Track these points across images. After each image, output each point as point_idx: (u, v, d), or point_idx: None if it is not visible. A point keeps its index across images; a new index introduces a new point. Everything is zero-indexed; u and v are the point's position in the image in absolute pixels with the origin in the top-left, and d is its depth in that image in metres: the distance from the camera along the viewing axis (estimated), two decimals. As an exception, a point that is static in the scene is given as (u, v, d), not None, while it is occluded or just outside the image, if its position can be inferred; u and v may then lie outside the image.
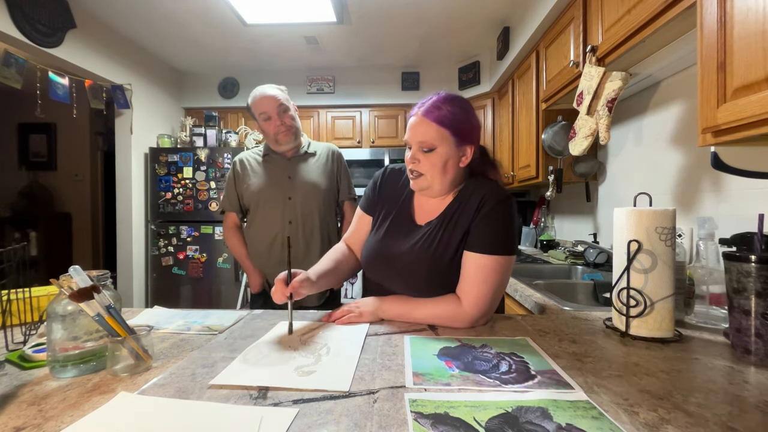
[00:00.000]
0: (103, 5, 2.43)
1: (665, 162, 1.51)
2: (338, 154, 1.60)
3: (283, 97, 1.45)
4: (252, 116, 1.49)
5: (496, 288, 0.84)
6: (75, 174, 4.13)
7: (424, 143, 0.87)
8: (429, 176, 0.89)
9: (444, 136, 0.86)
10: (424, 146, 0.87)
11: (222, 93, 3.52)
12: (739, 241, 0.74)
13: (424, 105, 0.89)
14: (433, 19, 2.62)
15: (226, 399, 0.55)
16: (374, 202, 1.05)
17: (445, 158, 0.87)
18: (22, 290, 0.82)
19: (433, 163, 0.87)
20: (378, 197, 1.04)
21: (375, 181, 1.07)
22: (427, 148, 0.87)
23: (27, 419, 0.50)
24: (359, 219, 1.07)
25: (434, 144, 0.86)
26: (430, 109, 0.87)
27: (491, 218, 0.86)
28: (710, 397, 0.55)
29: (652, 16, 1.12)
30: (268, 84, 1.48)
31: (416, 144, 0.88)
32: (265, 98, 1.43)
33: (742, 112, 0.75)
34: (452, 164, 0.89)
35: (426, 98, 0.90)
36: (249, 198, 1.50)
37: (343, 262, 1.03)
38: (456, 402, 0.54)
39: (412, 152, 0.89)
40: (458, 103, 0.89)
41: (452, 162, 0.88)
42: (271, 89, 1.44)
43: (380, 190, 1.05)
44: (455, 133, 0.87)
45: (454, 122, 0.86)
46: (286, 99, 1.47)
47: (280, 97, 1.44)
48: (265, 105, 1.42)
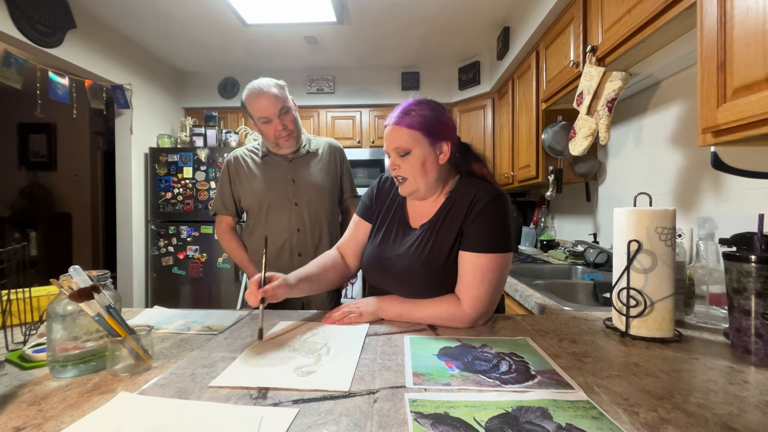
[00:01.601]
0: (103, 5, 2.43)
1: (665, 162, 1.51)
2: (339, 150, 1.52)
3: (283, 97, 1.31)
4: (247, 114, 1.35)
5: (495, 286, 0.85)
6: (75, 174, 4.13)
7: (399, 148, 0.90)
8: (411, 179, 0.91)
9: (416, 137, 0.89)
10: (399, 151, 0.90)
11: (222, 93, 3.52)
12: (739, 241, 0.74)
13: (394, 114, 0.92)
14: (433, 19, 2.62)
15: (226, 399, 0.55)
16: (372, 210, 1.06)
17: (422, 159, 0.89)
18: (22, 290, 0.82)
19: (412, 165, 0.90)
20: (375, 205, 1.06)
21: (372, 189, 1.09)
22: (403, 152, 0.90)
23: (27, 419, 0.50)
24: (356, 226, 1.08)
25: (408, 147, 0.89)
26: (399, 116, 0.90)
27: (484, 217, 0.86)
28: (710, 397, 0.55)
29: (652, 16, 1.12)
30: (264, 79, 1.32)
31: (393, 151, 0.91)
32: (263, 99, 1.28)
33: (742, 112, 0.75)
34: (431, 163, 0.90)
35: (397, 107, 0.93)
36: (249, 202, 1.41)
37: (330, 269, 1.02)
38: (456, 402, 0.54)
39: (392, 159, 0.92)
40: (425, 105, 0.91)
41: (430, 161, 0.90)
42: (270, 87, 1.30)
43: (377, 198, 1.06)
44: (427, 133, 0.89)
45: (424, 123, 0.89)
46: (287, 98, 1.33)
47: (280, 97, 1.30)
48: (263, 107, 1.29)
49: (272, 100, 1.29)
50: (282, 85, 1.35)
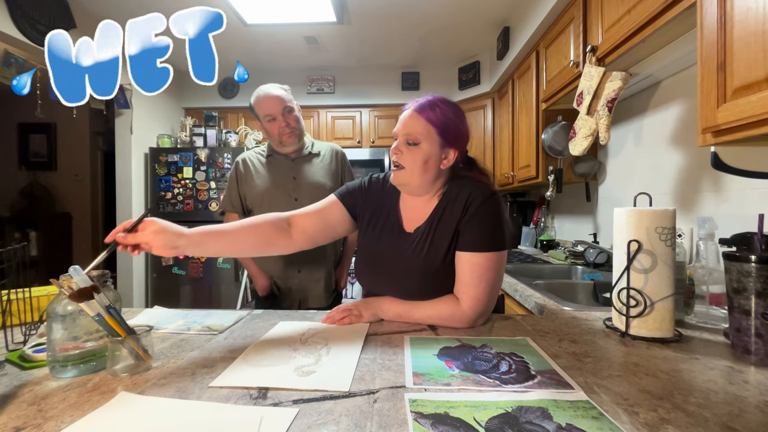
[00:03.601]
0: (103, 5, 2.43)
1: (665, 162, 1.51)
2: (342, 154, 1.58)
3: (287, 98, 1.43)
4: (255, 116, 1.47)
5: (492, 285, 0.85)
6: (75, 174, 4.12)
7: (409, 136, 0.88)
8: (409, 170, 0.89)
9: (430, 133, 0.87)
10: (409, 139, 0.88)
11: (222, 93, 3.52)
12: (739, 241, 0.74)
13: (419, 101, 0.90)
14: (433, 19, 2.62)
15: (226, 399, 0.55)
16: (356, 203, 1.01)
17: (427, 156, 0.88)
18: (22, 290, 0.82)
19: (415, 158, 0.88)
20: (362, 199, 1.01)
21: (362, 185, 1.03)
22: (412, 141, 0.88)
23: (27, 419, 0.50)
24: (329, 205, 1.00)
25: (419, 139, 0.87)
26: (423, 106, 0.88)
27: (479, 216, 0.86)
28: (710, 397, 0.55)
29: (652, 16, 1.12)
30: (270, 83, 1.46)
31: (402, 136, 0.89)
32: (269, 98, 1.41)
33: (742, 112, 0.75)
34: (433, 163, 0.89)
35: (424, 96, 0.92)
36: (253, 199, 1.48)
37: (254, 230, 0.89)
38: (456, 402, 0.54)
39: (397, 143, 0.90)
40: (452, 107, 0.90)
41: (433, 161, 0.89)
42: (275, 89, 1.42)
43: (365, 196, 1.01)
44: (441, 133, 0.88)
45: (444, 122, 0.87)
46: (290, 99, 1.45)
47: (284, 98, 1.42)
48: (269, 106, 1.40)
49: (276, 99, 1.41)
50: (286, 88, 1.47)
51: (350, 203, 1.01)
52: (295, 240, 0.94)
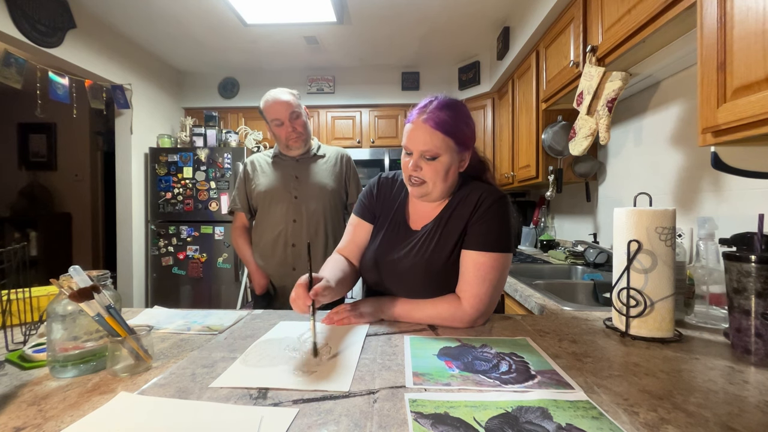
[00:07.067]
0: (103, 5, 2.43)
1: (665, 162, 1.51)
2: (347, 157, 1.61)
3: (295, 103, 1.46)
4: (264, 119, 1.51)
5: (495, 285, 0.85)
6: (75, 174, 4.12)
7: (428, 152, 0.85)
8: (431, 183, 0.88)
9: (448, 144, 0.86)
10: (427, 154, 0.86)
11: (222, 93, 3.52)
12: (739, 241, 0.74)
13: (425, 111, 0.86)
14: (433, 19, 2.62)
15: (226, 399, 0.55)
16: (372, 210, 1.03)
17: (448, 166, 0.87)
18: (22, 290, 0.82)
19: (437, 171, 0.86)
20: (375, 204, 1.04)
21: (370, 189, 1.05)
22: (431, 156, 0.86)
23: (27, 419, 0.50)
24: (355, 227, 1.04)
25: (438, 153, 0.85)
26: (432, 116, 0.85)
27: (488, 217, 0.86)
28: (710, 397, 0.55)
29: (652, 16, 1.12)
30: (280, 88, 1.49)
31: (418, 152, 0.86)
32: (277, 103, 1.43)
33: (742, 112, 0.75)
34: (453, 171, 0.89)
35: (424, 101, 0.89)
36: (257, 198, 1.53)
37: (348, 273, 0.98)
38: (456, 402, 0.54)
39: (414, 160, 0.87)
40: (458, 108, 0.88)
41: (453, 169, 0.89)
42: (284, 94, 1.45)
43: (377, 198, 1.04)
44: (458, 141, 0.87)
45: (459, 128, 0.86)
46: (299, 105, 1.48)
47: (292, 103, 1.45)
48: (277, 111, 1.43)
49: (284, 104, 1.44)
50: (294, 93, 1.50)
51: (370, 216, 1.04)
52: (356, 268, 1.03)
